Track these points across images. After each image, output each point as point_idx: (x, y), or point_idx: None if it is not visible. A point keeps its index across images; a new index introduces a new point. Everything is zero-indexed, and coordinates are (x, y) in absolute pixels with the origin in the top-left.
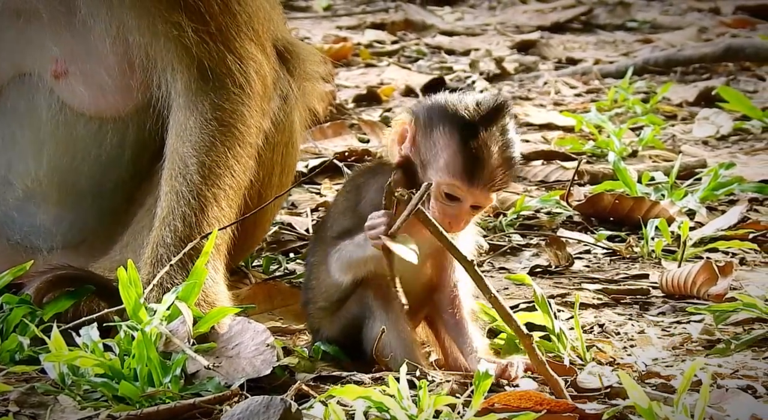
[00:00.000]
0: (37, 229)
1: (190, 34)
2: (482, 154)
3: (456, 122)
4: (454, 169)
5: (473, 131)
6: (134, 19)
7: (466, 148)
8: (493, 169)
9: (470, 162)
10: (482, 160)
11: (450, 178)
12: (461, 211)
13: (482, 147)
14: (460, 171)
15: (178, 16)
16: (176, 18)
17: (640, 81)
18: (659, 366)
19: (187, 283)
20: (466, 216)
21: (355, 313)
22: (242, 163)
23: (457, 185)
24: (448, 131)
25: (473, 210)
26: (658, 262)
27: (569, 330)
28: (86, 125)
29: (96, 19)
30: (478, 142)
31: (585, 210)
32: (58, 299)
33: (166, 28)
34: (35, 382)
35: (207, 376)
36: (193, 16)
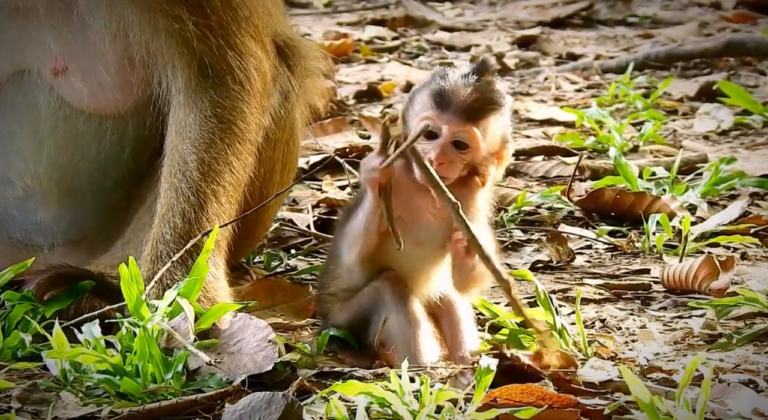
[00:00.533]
0: (37, 226)
1: (191, 29)
2: (452, 86)
3: (431, 76)
4: (425, 103)
5: (445, 75)
6: (135, 14)
7: (437, 85)
8: (466, 99)
9: (439, 92)
10: (451, 90)
11: (422, 113)
12: (441, 146)
13: (453, 82)
14: (429, 102)
15: (179, 9)
16: (177, 12)
17: (641, 76)
18: (661, 361)
19: (188, 279)
20: (452, 154)
21: (366, 304)
22: (242, 159)
23: (428, 116)
24: (425, 85)
25: (461, 151)
26: (659, 257)
27: (571, 325)
28: (86, 122)
29: (95, 15)
30: (448, 78)
31: (586, 205)
32: (60, 296)
33: (166, 23)
34: (37, 378)
35: (209, 373)
36: (194, 10)
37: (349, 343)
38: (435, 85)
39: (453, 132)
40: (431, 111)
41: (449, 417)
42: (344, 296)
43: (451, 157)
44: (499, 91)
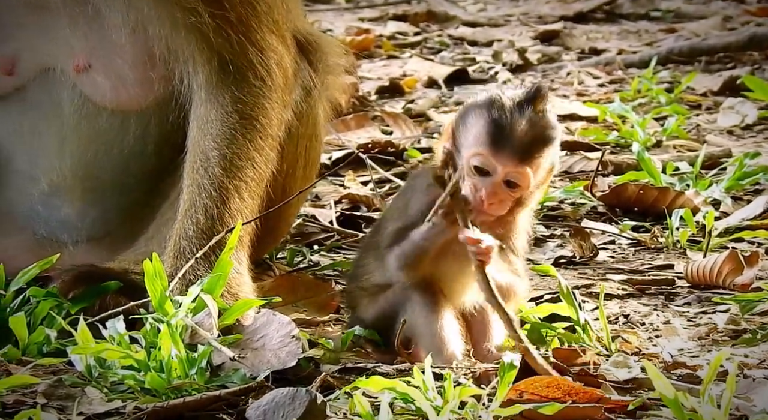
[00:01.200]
0: (62, 222)
1: (210, 23)
2: (508, 122)
3: (486, 102)
4: (480, 138)
5: (501, 105)
6: (152, 7)
7: (492, 118)
8: (522, 139)
9: (495, 129)
10: (508, 128)
11: (476, 148)
12: (493, 185)
13: (509, 116)
14: (485, 139)
15: (196, 2)
16: (194, 4)
17: (664, 71)
18: (685, 356)
19: (212, 275)
20: (503, 194)
21: (394, 301)
22: (264, 154)
23: (483, 153)
24: (479, 111)
25: (511, 189)
26: (683, 252)
27: (594, 321)
28: (109, 119)
29: (112, 9)
30: (504, 112)
31: (609, 200)
32: (85, 294)
33: (184, 17)
34: (62, 374)
35: (232, 368)
36: (211, 3)
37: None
38: (491, 119)
39: (506, 172)
40: (485, 148)
41: (473, 413)
42: (374, 291)
43: (502, 195)
44: (553, 123)
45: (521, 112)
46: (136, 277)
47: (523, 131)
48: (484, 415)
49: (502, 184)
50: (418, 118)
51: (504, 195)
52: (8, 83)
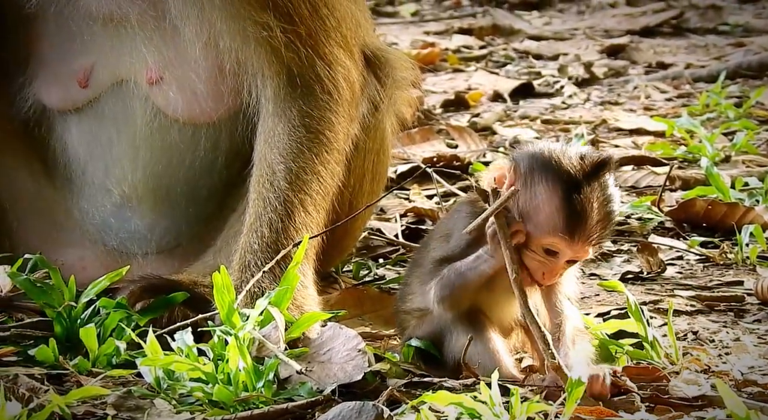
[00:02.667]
0: (132, 234)
1: (280, 37)
2: (583, 211)
3: (559, 177)
4: (555, 226)
5: (576, 188)
6: (224, 21)
7: (569, 205)
8: (593, 225)
9: (571, 219)
10: (583, 217)
11: (551, 235)
12: (557, 266)
13: (584, 204)
14: (561, 228)
15: (267, 17)
16: (265, 19)
17: (733, 85)
18: (756, 374)
19: (279, 288)
20: (561, 270)
21: (439, 321)
22: (329, 168)
23: (557, 242)
24: (551, 186)
25: (568, 264)
26: (752, 268)
27: (662, 337)
28: (180, 131)
29: (186, 23)
30: (580, 198)
31: (677, 216)
32: (153, 305)
33: (255, 31)
34: (132, 385)
35: (299, 381)
36: (282, 17)
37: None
38: (567, 205)
39: (571, 256)
40: (561, 237)
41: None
42: (418, 314)
43: (562, 271)
44: (616, 196)
45: (592, 190)
46: (204, 290)
47: (594, 217)
48: None
49: (564, 262)
50: (483, 132)
51: (562, 270)
52: (83, 95)
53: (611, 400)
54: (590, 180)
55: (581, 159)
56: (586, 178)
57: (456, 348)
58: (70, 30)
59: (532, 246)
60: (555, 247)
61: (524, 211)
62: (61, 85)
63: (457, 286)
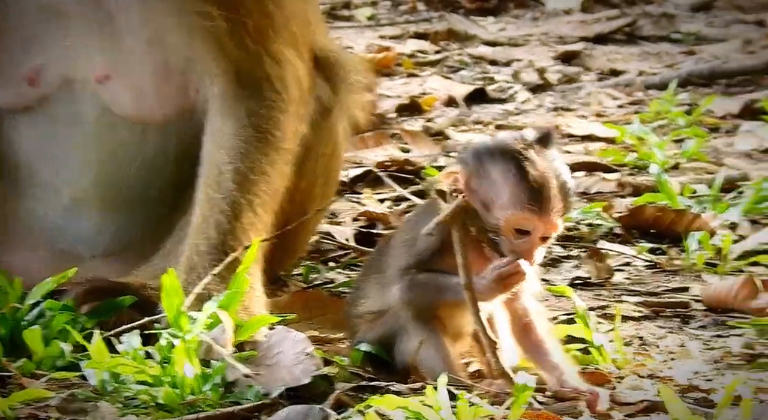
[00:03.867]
0: (80, 236)
1: (226, 32)
2: (542, 181)
3: (508, 157)
4: (520, 202)
5: (528, 162)
6: (167, 15)
7: (526, 179)
8: (555, 195)
9: (533, 191)
10: (544, 187)
11: (519, 212)
12: (532, 243)
13: (540, 174)
14: (526, 201)
15: (211, 8)
16: (209, 9)
17: (684, 93)
18: (699, 380)
19: (228, 291)
20: (538, 248)
21: (391, 324)
22: (278, 169)
23: (527, 217)
24: (504, 167)
25: (542, 241)
26: (699, 275)
27: (609, 343)
28: (129, 130)
29: (128, 19)
30: (535, 171)
31: (626, 222)
32: (100, 307)
33: (200, 25)
34: (76, 388)
35: (246, 385)
36: (226, 9)
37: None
38: (525, 179)
39: (544, 232)
40: (529, 211)
41: None
42: (370, 317)
43: (539, 249)
44: (567, 170)
45: (544, 161)
46: (152, 293)
47: (554, 186)
48: None
49: (538, 239)
50: (436, 137)
51: (538, 248)
52: (32, 94)
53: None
54: (538, 152)
55: (523, 137)
56: (534, 152)
57: (405, 352)
58: (18, 27)
59: (505, 230)
60: (525, 224)
61: (488, 201)
62: (10, 84)
63: (433, 301)
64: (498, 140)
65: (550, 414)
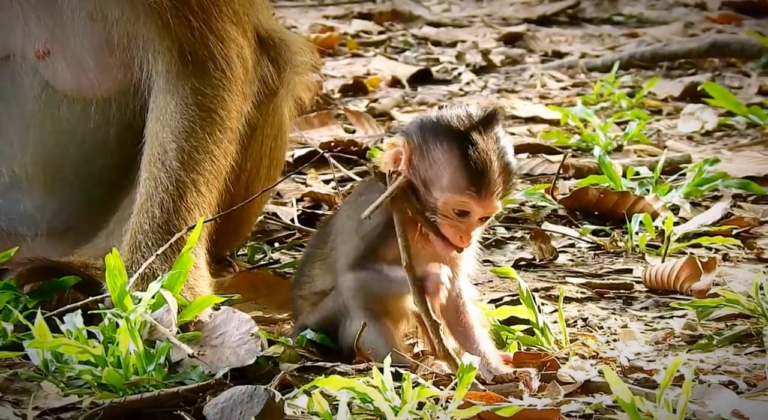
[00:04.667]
0: (21, 215)
1: (169, 8)
2: (484, 165)
3: (452, 137)
4: (461, 185)
5: (471, 144)
6: None
7: (468, 162)
8: (496, 177)
9: (474, 175)
10: (485, 171)
11: (458, 195)
12: (471, 224)
13: (482, 157)
14: (466, 185)
15: None
16: None
17: (626, 75)
18: (642, 361)
19: (172, 271)
20: (476, 228)
21: (333, 306)
22: (222, 148)
23: (466, 200)
24: (446, 147)
25: (481, 221)
26: (641, 256)
27: (553, 324)
28: (70, 107)
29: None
30: (477, 153)
31: (570, 204)
32: (43, 287)
33: (143, 1)
34: (18, 368)
35: (191, 365)
36: None
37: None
38: (466, 161)
39: (483, 212)
40: (467, 195)
41: (431, 414)
42: (315, 299)
43: (477, 230)
44: (511, 150)
45: (487, 143)
46: (96, 272)
47: (495, 168)
48: (442, 417)
49: (477, 220)
50: (381, 117)
51: (477, 229)
52: None
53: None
54: (482, 134)
55: (469, 116)
56: (478, 133)
57: (350, 333)
58: None
59: (444, 211)
60: (465, 206)
61: (428, 180)
62: None
63: (382, 295)
64: (443, 117)
65: (493, 394)
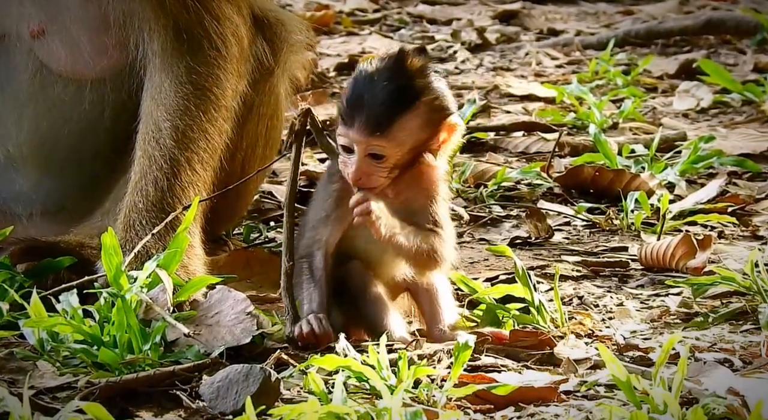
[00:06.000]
0: (16, 194)
1: None
2: (358, 95)
3: (352, 76)
4: (340, 117)
5: (356, 78)
6: None
7: (346, 95)
8: (369, 111)
9: (347, 104)
10: (357, 100)
11: (339, 128)
12: (357, 161)
13: (358, 90)
14: (342, 117)
15: None
16: None
17: (621, 53)
18: (637, 339)
19: (167, 251)
20: (369, 168)
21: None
22: (217, 126)
23: (342, 132)
24: (346, 85)
25: (378, 161)
26: (637, 234)
27: (548, 302)
28: (65, 87)
29: None
30: (355, 87)
31: (565, 182)
32: (38, 267)
33: None
34: (14, 347)
35: (186, 344)
36: None
37: None
38: (347, 96)
39: (364, 148)
40: (343, 127)
41: (427, 392)
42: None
43: (369, 170)
44: (412, 85)
45: (375, 81)
46: (90, 251)
47: (374, 103)
48: (438, 395)
49: (367, 158)
50: None
51: (371, 169)
52: None
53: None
54: (373, 68)
55: (379, 57)
56: (370, 68)
57: (345, 309)
58: None
59: (340, 148)
60: (344, 140)
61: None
62: None
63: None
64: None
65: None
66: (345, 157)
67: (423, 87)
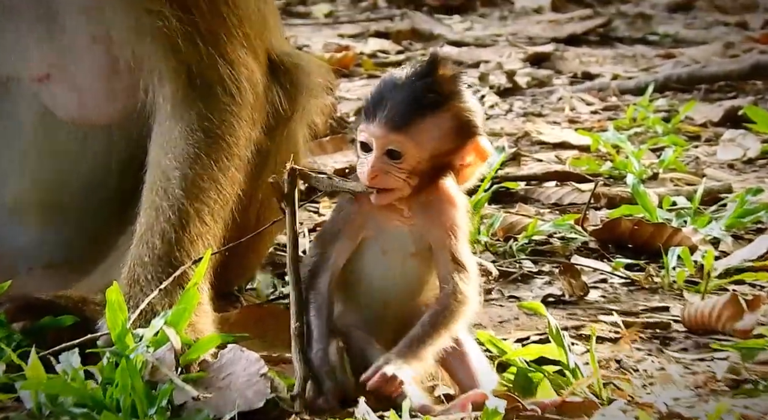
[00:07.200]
0: (18, 246)
1: (177, 30)
2: (383, 91)
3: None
4: (362, 112)
5: (387, 77)
6: (115, 12)
7: (373, 90)
8: (394, 106)
9: (371, 99)
10: (382, 97)
11: (360, 123)
12: (374, 158)
13: (387, 85)
14: (363, 111)
15: (162, 5)
16: (159, 7)
17: (662, 98)
18: (681, 406)
19: (176, 307)
20: (386, 166)
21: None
22: (229, 176)
23: (362, 128)
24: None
25: (395, 160)
26: (679, 293)
27: (584, 365)
28: (71, 134)
29: (70, 13)
30: (384, 82)
31: (601, 236)
32: (35, 326)
33: (150, 21)
34: (10, 412)
35: (195, 409)
36: (178, 8)
37: None
38: (372, 93)
39: (383, 144)
40: (362, 123)
41: None
42: None
43: (385, 167)
44: (440, 87)
45: (403, 80)
46: (93, 308)
47: (398, 99)
48: None
49: (384, 156)
50: None
51: (387, 167)
52: None
53: None
54: (399, 70)
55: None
56: (399, 70)
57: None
58: None
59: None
60: (362, 136)
61: None
62: None
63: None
64: None
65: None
66: (362, 156)
67: (452, 93)
